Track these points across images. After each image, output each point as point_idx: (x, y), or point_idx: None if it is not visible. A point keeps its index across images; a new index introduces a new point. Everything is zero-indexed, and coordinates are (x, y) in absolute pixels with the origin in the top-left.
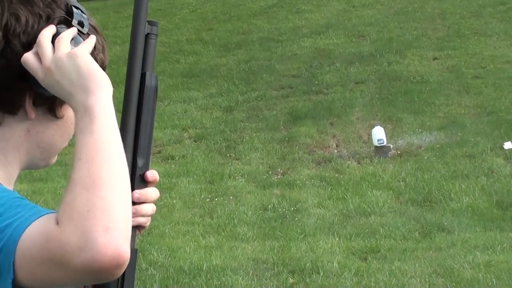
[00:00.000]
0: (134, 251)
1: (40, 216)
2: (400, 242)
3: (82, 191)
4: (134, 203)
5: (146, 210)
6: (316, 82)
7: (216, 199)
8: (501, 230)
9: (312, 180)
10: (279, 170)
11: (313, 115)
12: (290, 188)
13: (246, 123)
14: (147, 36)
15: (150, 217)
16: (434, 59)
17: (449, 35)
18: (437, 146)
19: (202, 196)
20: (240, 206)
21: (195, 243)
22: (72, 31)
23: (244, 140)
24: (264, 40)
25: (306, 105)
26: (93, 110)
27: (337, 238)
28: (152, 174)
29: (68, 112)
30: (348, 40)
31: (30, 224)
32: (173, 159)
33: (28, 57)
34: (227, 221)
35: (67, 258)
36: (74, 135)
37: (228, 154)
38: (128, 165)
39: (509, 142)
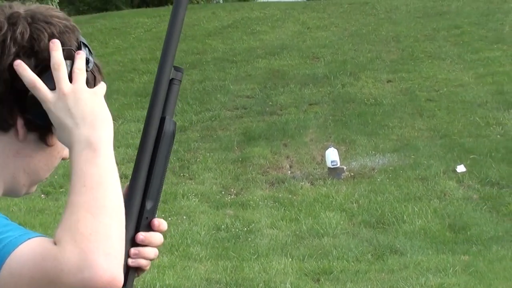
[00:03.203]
0: None
1: (32, 237)
2: (352, 263)
3: (86, 215)
4: (137, 245)
5: (148, 254)
6: (270, 103)
7: (170, 218)
8: (453, 253)
9: (266, 200)
10: (232, 190)
11: (267, 136)
12: (244, 208)
13: (200, 143)
14: (171, 81)
15: (150, 261)
16: (388, 82)
17: (403, 58)
18: (390, 168)
19: (156, 215)
20: (194, 226)
21: None
22: (84, 59)
23: (198, 160)
24: (219, 61)
25: (260, 125)
26: (99, 146)
27: (290, 259)
28: (159, 223)
29: (57, 142)
30: (303, 61)
31: (21, 243)
32: (127, 179)
33: (36, 80)
34: (180, 240)
35: (62, 277)
36: (71, 163)
37: (182, 174)
38: (137, 206)
39: (462, 165)
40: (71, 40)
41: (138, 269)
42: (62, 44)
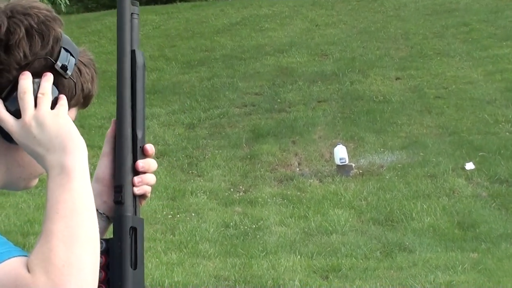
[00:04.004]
0: (141, 221)
1: (12, 257)
2: (361, 261)
3: (59, 244)
4: (138, 173)
5: (149, 179)
6: (279, 100)
7: (178, 215)
8: (462, 250)
9: (274, 198)
10: (241, 187)
11: (275, 133)
12: (252, 205)
13: (209, 140)
14: (131, 15)
15: (151, 188)
16: (396, 79)
17: (412, 55)
18: (399, 165)
19: (164, 212)
20: (202, 223)
21: (157, 260)
22: (50, 81)
23: (206, 157)
24: (227, 58)
25: (269, 123)
26: (72, 170)
27: (299, 256)
28: (151, 147)
29: None
30: (311, 58)
31: None
32: None
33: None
34: (189, 237)
35: None
36: (47, 189)
37: (190, 171)
38: (129, 138)
39: (471, 163)
40: (51, 29)
41: (141, 198)
42: (42, 34)
